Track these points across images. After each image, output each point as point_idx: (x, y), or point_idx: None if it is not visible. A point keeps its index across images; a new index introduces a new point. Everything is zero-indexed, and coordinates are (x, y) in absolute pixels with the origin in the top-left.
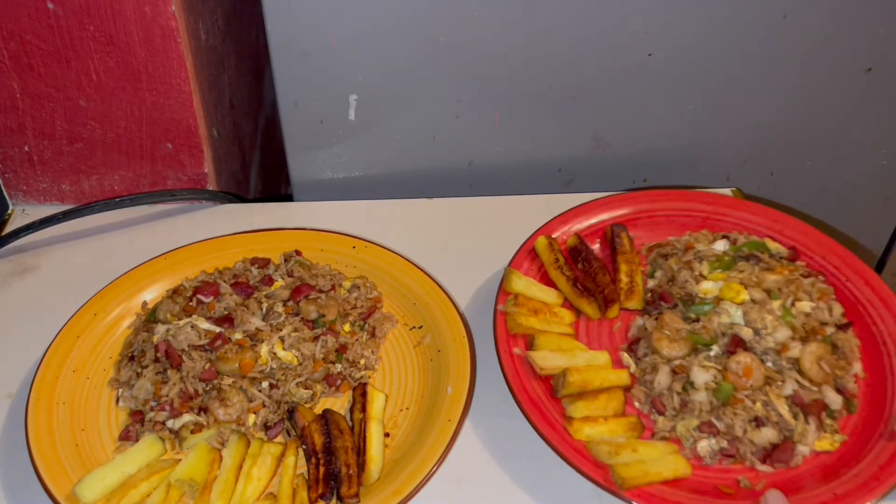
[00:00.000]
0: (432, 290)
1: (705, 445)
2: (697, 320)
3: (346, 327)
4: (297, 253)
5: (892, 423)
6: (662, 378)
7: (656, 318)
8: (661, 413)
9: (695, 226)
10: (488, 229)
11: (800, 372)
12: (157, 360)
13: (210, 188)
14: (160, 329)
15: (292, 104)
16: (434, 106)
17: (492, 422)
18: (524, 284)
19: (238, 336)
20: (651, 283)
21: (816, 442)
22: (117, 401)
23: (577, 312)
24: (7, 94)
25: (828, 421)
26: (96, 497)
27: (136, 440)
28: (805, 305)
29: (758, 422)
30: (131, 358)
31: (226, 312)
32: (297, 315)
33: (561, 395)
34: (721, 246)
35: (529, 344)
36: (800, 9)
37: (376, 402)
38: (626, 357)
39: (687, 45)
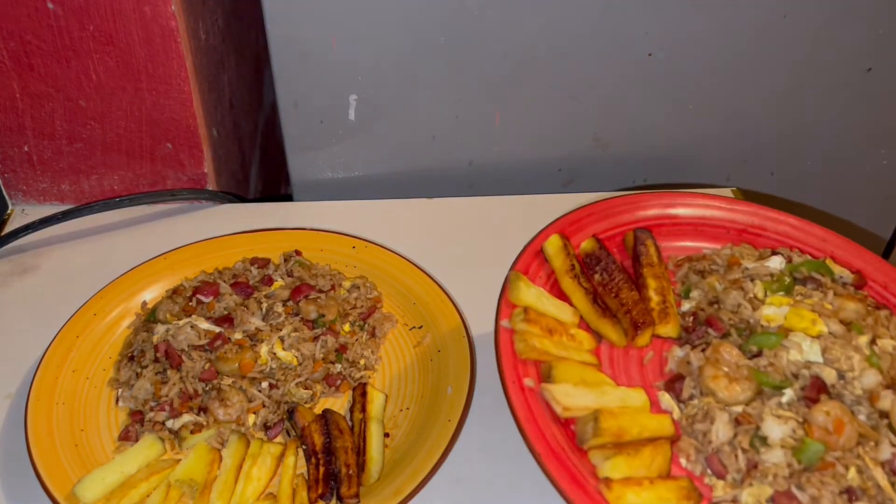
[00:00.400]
0: (432, 290)
1: None
2: (759, 354)
3: (346, 327)
4: (297, 253)
5: None
6: (722, 429)
7: (703, 350)
8: (720, 477)
9: (730, 239)
10: (488, 229)
11: (892, 429)
12: (156, 360)
13: (210, 188)
14: (160, 329)
15: (292, 104)
16: (434, 106)
17: (492, 422)
18: (535, 295)
19: (238, 336)
20: (686, 306)
21: None
22: (117, 401)
23: (598, 337)
24: (7, 94)
25: None
26: (96, 497)
27: (136, 440)
28: (887, 344)
29: (850, 494)
30: (131, 358)
31: (225, 312)
32: (296, 315)
33: (588, 445)
34: (776, 263)
35: (545, 374)
36: (800, 9)
37: (376, 402)
38: (666, 398)
39: (687, 44)
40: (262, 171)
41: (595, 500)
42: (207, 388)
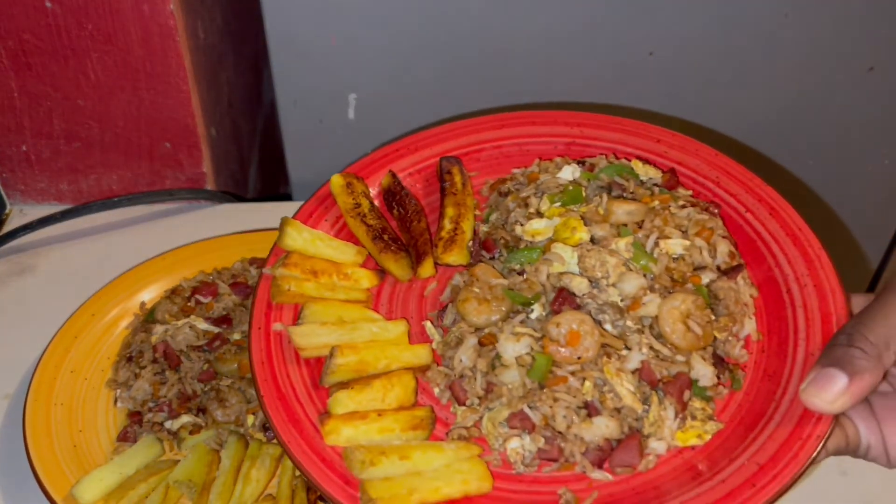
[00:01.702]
0: None
1: (517, 446)
2: (522, 273)
3: None
4: None
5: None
6: (465, 354)
7: None
8: (460, 402)
9: (556, 154)
10: None
11: (658, 337)
12: (155, 360)
13: (208, 188)
14: (158, 329)
15: (291, 103)
16: (434, 105)
17: None
18: (306, 238)
19: (237, 336)
20: (483, 230)
21: (679, 434)
22: (115, 401)
23: (383, 274)
24: (5, 94)
25: (697, 404)
26: (95, 498)
27: (135, 441)
28: (674, 244)
29: (590, 409)
30: (129, 358)
31: (224, 313)
32: None
33: (327, 382)
34: (568, 173)
35: (300, 317)
36: (801, 8)
37: None
38: (429, 327)
39: (688, 43)
40: (261, 171)
41: (307, 439)
42: (206, 389)
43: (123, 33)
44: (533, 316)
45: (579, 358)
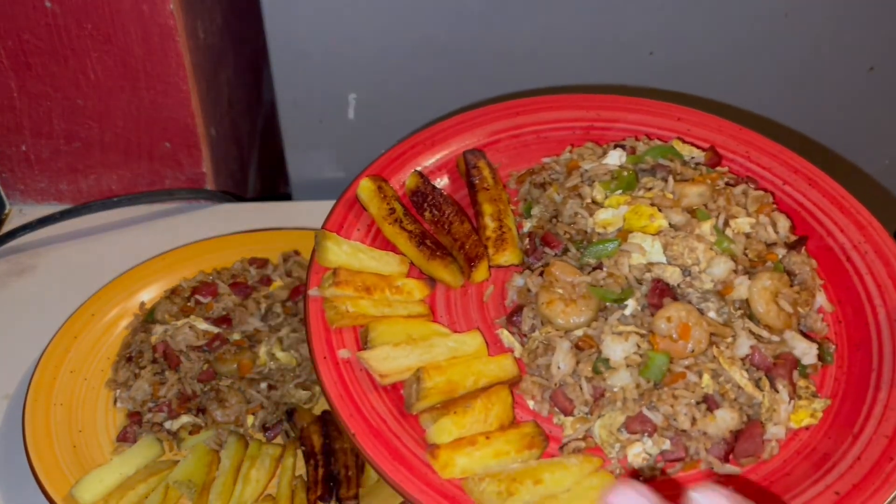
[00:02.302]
0: None
1: (639, 451)
2: (600, 266)
3: None
4: (296, 253)
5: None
6: (562, 359)
7: (542, 273)
8: (567, 413)
9: (576, 140)
10: None
11: (751, 318)
12: (154, 360)
13: (208, 187)
14: (158, 329)
15: (291, 103)
16: (434, 105)
17: None
18: (347, 252)
19: (236, 336)
20: (528, 226)
21: (792, 416)
22: (115, 402)
23: (432, 282)
24: (4, 94)
25: (801, 383)
26: (94, 498)
27: (134, 441)
28: (743, 223)
29: (709, 403)
30: (129, 359)
31: (224, 313)
32: (295, 315)
33: (416, 410)
34: (615, 158)
35: (364, 340)
36: (801, 7)
37: None
38: (505, 335)
39: (688, 43)
40: (260, 171)
41: (420, 475)
42: (206, 389)
43: (123, 33)
44: (628, 312)
45: (692, 351)
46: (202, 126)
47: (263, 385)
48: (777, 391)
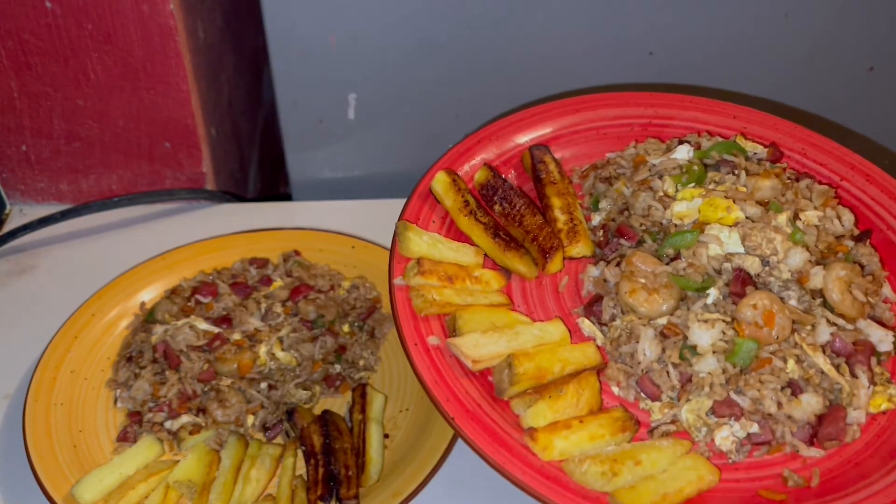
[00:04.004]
0: None
1: (727, 435)
2: (678, 257)
3: (346, 328)
4: (296, 253)
5: None
6: (648, 347)
7: (618, 263)
8: (654, 398)
9: (635, 136)
10: None
11: (826, 307)
12: (155, 360)
13: (208, 188)
14: (158, 329)
15: (291, 103)
16: (434, 105)
17: None
18: (427, 242)
19: (237, 336)
20: (597, 219)
21: (870, 401)
22: (115, 402)
23: (507, 273)
24: (5, 94)
25: (876, 369)
26: (94, 498)
27: (135, 441)
28: (812, 216)
29: (793, 388)
30: (129, 358)
31: (224, 313)
32: (295, 315)
33: (508, 395)
34: (683, 153)
35: (450, 327)
36: (801, 7)
37: (376, 403)
38: (587, 324)
39: (688, 43)
40: (260, 171)
41: (520, 457)
42: (206, 389)
43: (123, 33)
44: (710, 301)
45: (777, 337)
46: (202, 126)
47: (263, 385)
48: (856, 377)
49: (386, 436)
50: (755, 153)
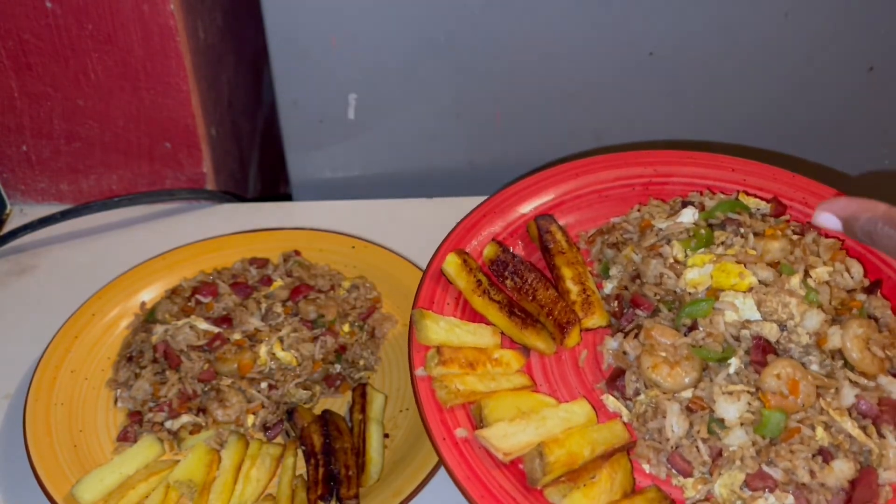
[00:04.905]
0: None
1: None
2: (695, 326)
3: (346, 327)
4: (296, 253)
5: None
6: (676, 422)
7: (636, 335)
8: (686, 474)
9: (636, 196)
10: None
11: (847, 366)
12: (155, 360)
13: (208, 188)
14: (158, 329)
15: (291, 103)
16: (434, 105)
17: None
18: (445, 329)
19: (237, 336)
20: (608, 287)
21: None
22: (115, 401)
23: (525, 351)
24: (5, 94)
25: None
26: (95, 498)
27: (135, 441)
28: (822, 272)
29: (824, 455)
30: (129, 358)
31: (224, 313)
32: (296, 315)
33: (542, 484)
34: (689, 216)
35: (476, 417)
36: (801, 7)
37: (376, 403)
38: (611, 401)
39: (688, 43)
40: (261, 171)
41: None
42: (206, 389)
43: (124, 33)
44: (732, 371)
45: (803, 405)
46: (202, 126)
47: (264, 385)
48: (883, 436)
49: (386, 436)
50: (758, 209)
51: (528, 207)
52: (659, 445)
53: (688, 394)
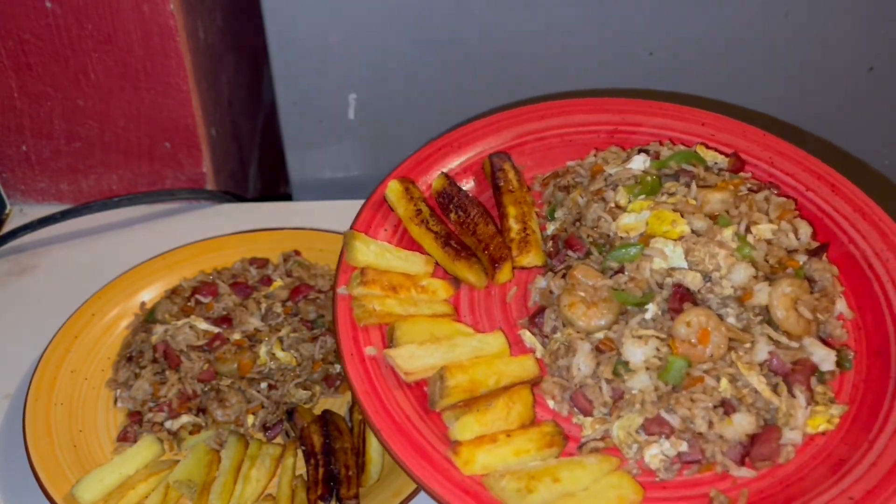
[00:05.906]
0: None
1: (657, 452)
2: (622, 270)
3: None
4: (296, 253)
5: None
6: (583, 361)
7: (564, 275)
8: (586, 413)
9: (601, 143)
10: None
11: (770, 324)
12: (155, 360)
13: (208, 188)
14: (158, 329)
15: (291, 103)
16: (434, 105)
17: None
18: (374, 252)
19: (237, 336)
20: (551, 228)
21: (809, 421)
22: (115, 401)
23: (457, 282)
24: (5, 94)
25: (818, 388)
26: (95, 498)
27: (135, 441)
28: (764, 229)
29: (726, 407)
30: (129, 358)
31: (224, 313)
32: (296, 315)
33: (440, 407)
34: (639, 163)
35: (389, 338)
36: (801, 7)
37: None
38: (528, 336)
39: (688, 44)
40: (261, 171)
41: (442, 471)
42: (206, 389)
43: (124, 33)
44: (648, 316)
45: (711, 356)
46: (202, 126)
47: (263, 385)
48: (794, 396)
49: None
50: (716, 163)
51: (488, 145)
52: (565, 383)
53: (601, 335)
